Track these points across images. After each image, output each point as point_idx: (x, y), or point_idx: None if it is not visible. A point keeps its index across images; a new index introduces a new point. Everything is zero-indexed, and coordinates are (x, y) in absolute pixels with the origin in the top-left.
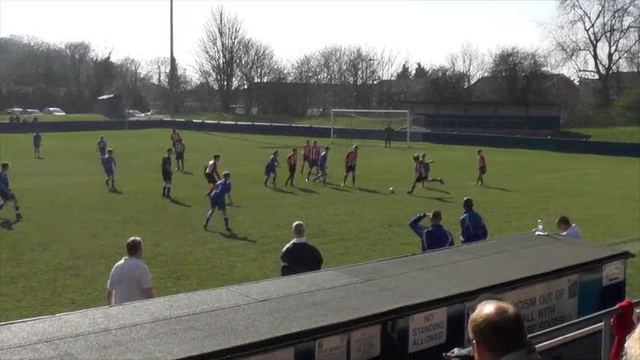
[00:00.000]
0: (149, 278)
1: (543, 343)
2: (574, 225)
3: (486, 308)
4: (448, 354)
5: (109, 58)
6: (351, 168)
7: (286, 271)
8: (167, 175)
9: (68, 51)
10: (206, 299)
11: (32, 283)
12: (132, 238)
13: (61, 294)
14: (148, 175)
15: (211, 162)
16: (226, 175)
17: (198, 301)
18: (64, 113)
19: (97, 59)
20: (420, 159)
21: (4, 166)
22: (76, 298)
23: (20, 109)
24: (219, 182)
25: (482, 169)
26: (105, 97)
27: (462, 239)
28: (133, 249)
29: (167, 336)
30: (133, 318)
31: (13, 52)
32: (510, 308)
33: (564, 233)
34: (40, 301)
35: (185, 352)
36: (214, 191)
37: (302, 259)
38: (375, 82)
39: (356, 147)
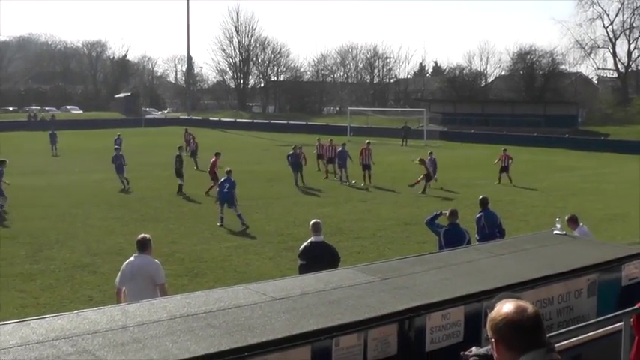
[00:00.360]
0: (162, 274)
1: (562, 343)
2: (582, 224)
3: (505, 307)
4: (466, 353)
5: (125, 56)
6: (366, 167)
7: (304, 269)
8: (179, 173)
9: (85, 49)
10: (223, 297)
11: (50, 280)
12: (142, 235)
13: (79, 291)
14: (165, 173)
15: (212, 159)
16: (229, 172)
17: (215, 298)
18: (81, 111)
19: (114, 57)
20: (429, 157)
21: (2, 162)
22: (93, 295)
23: (38, 107)
24: (222, 180)
25: (506, 169)
26: (122, 95)
27: (478, 238)
28: (143, 246)
29: (184, 333)
30: (151, 315)
31: (31, 50)
32: (529, 307)
33: (574, 233)
34: (58, 297)
35: (202, 350)
36: (221, 190)
37: (319, 257)
38: (392, 81)
39: (368, 143)
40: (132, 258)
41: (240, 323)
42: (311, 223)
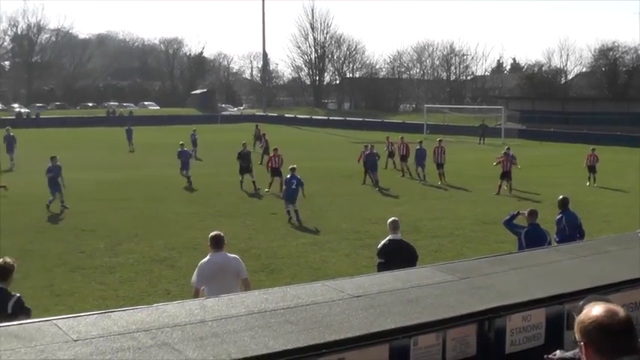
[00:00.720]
0: (245, 268)
1: None
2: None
3: (595, 310)
4: (550, 356)
5: (202, 53)
6: (439, 165)
7: (382, 268)
8: (245, 169)
9: (162, 46)
10: (301, 293)
11: (129, 274)
12: (216, 233)
13: (157, 284)
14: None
15: (271, 155)
16: (293, 169)
17: (293, 295)
18: (158, 107)
19: (190, 54)
20: (505, 152)
21: (53, 158)
22: (171, 288)
23: (116, 103)
24: (289, 177)
25: (593, 168)
26: (198, 91)
27: (557, 240)
28: (220, 243)
29: (262, 329)
30: (229, 310)
31: (109, 47)
32: (621, 311)
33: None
34: (136, 290)
35: (280, 346)
36: (289, 186)
37: (398, 255)
38: (469, 78)
39: (440, 141)
40: (209, 257)
41: (317, 320)
42: (389, 220)
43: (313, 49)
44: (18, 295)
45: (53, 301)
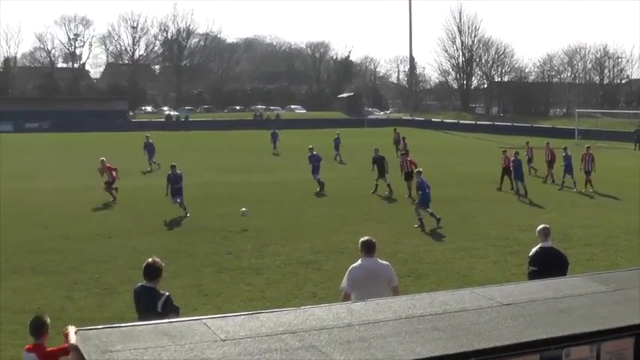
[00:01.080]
0: (396, 276)
1: None
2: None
3: None
4: None
5: (348, 56)
6: (587, 172)
7: (534, 276)
8: (381, 173)
9: (309, 50)
10: (448, 300)
11: (275, 275)
12: (368, 238)
13: (303, 287)
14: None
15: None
16: (419, 173)
17: (441, 301)
18: (304, 111)
19: (336, 58)
20: None
21: (173, 167)
22: (317, 291)
23: (263, 107)
24: (420, 181)
25: None
26: (344, 95)
27: None
28: (371, 248)
29: (410, 335)
30: (376, 315)
31: (256, 51)
32: None
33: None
34: (283, 292)
35: (428, 352)
36: (423, 191)
37: (550, 263)
38: (623, 81)
39: (588, 147)
40: (360, 262)
41: (466, 328)
42: (539, 228)
43: (461, 53)
44: (167, 294)
45: (201, 301)
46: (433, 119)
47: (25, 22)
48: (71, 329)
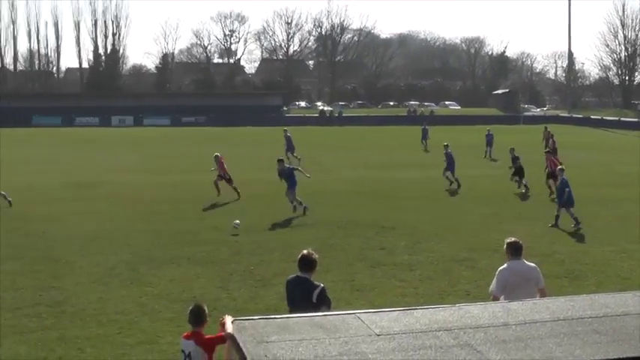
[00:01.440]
0: (542, 277)
1: None
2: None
3: None
4: None
5: (504, 52)
6: None
7: None
8: (518, 173)
9: (464, 45)
10: (609, 303)
11: (428, 272)
12: (514, 239)
13: (456, 285)
14: (539, 171)
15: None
16: (561, 171)
17: (601, 303)
18: (459, 107)
19: (492, 53)
20: None
21: (280, 161)
22: (470, 290)
23: (417, 103)
24: (563, 179)
25: None
26: (500, 91)
27: None
28: (519, 249)
29: (568, 337)
30: (533, 315)
31: (410, 47)
32: None
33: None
34: (436, 289)
35: (587, 355)
36: (563, 190)
37: None
38: None
39: None
40: (507, 264)
41: (629, 332)
42: None
43: (623, 47)
44: (322, 285)
45: (354, 295)
46: (592, 116)
47: (182, 18)
48: (228, 319)
